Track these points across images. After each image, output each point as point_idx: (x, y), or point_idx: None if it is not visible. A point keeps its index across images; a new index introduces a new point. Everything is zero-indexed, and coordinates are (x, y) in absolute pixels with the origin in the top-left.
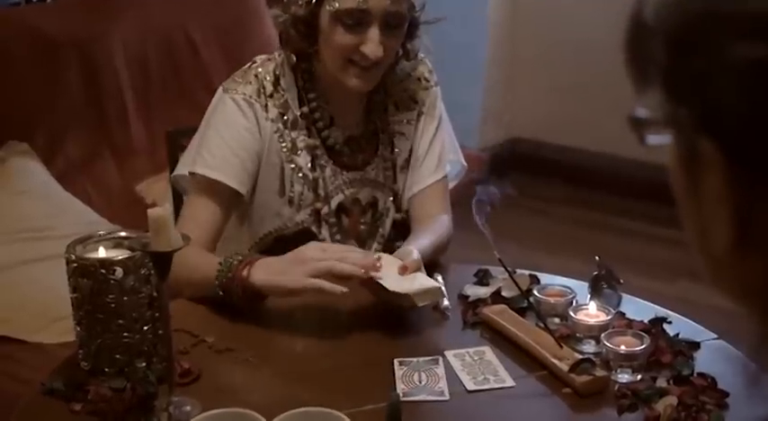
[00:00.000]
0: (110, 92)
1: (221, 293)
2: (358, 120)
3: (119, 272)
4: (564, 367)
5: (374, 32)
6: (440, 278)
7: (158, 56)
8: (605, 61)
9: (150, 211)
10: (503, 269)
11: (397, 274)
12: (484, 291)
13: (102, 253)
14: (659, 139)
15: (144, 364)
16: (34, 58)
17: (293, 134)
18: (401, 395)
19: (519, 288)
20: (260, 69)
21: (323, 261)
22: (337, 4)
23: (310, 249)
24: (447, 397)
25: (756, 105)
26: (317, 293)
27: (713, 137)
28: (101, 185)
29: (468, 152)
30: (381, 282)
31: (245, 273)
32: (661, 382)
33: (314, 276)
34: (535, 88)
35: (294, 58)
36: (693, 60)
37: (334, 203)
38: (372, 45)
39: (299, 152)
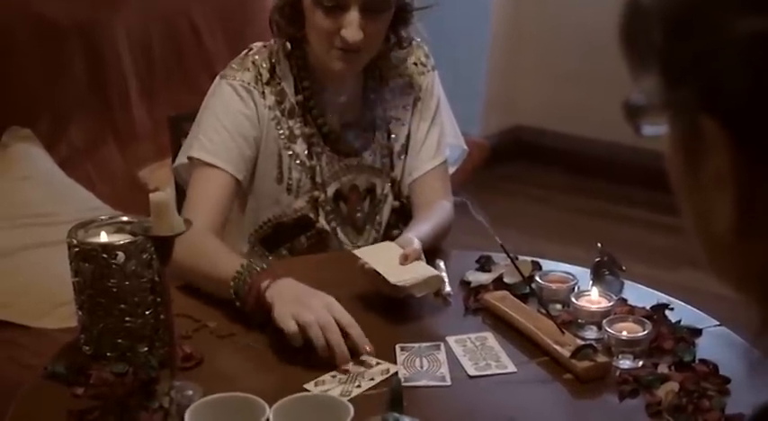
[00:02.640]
0: (113, 77)
1: (234, 297)
2: (354, 107)
3: (120, 256)
4: (565, 353)
5: (353, 16)
6: (441, 264)
7: (161, 41)
8: (609, 48)
9: (152, 196)
10: (505, 255)
11: (397, 264)
12: (486, 277)
13: (103, 237)
14: (655, 130)
15: (146, 349)
16: (37, 44)
17: (290, 122)
18: (403, 380)
19: (521, 274)
20: (256, 56)
21: (329, 330)
22: None
23: (323, 301)
24: (448, 382)
25: (760, 79)
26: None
27: (716, 115)
28: (103, 171)
29: (471, 139)
30: (381, 273)
31: (264, 284)
32: (662, 368)
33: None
34: (538, 76)
35: (289, 46)
36: (693, 39)
37: (331, 190)
38: (351, 29)
39: (297, 140)
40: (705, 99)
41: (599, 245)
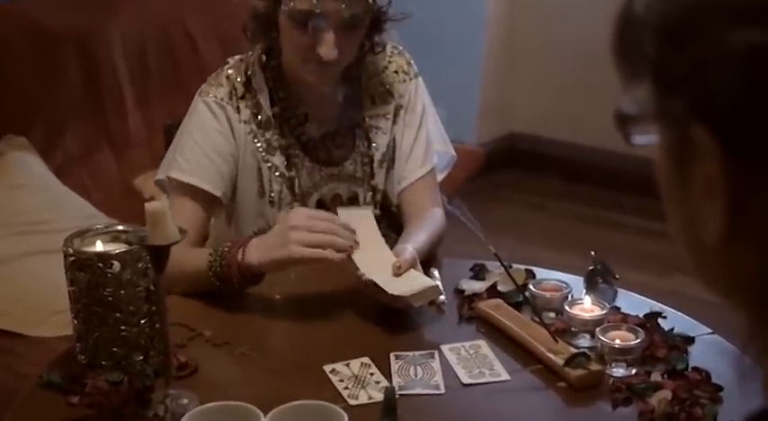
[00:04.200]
0: (108, 85)
1: (217, 283)
2: (334, 116)
3: (116, 265)
4: (559, 361)
5: (329, 35)
6: (436, 273)
7: (156, 49)
8: (604, 56)
9: (148, 205)
10: (499, 264)
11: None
12: (480, 286)
13: (99, 246)
14: (645, 138)
15: (141, 358)
16: (32, 52)
17: (267, 134)
18: (397, 388)
19: (515, 282)
20: (230, 71)
21: (319, 234)
22: (292, 4)
23: (297, 217)
24: (442, 390)
25: (753, 91)
26: (316, 263)
27: (708, 124)
28: (99, 179)
29: (466, 147)
30: (380, 284)
31: (239, 256)
32: (655, 376)
33: (312, 247)
34: (533, 83)
35: (264, 58)
36: (687, 50)
37: (313, 200)
38: (326, 48)
39: (275, 152)
40: (697, 109)
41: (592, 253)
